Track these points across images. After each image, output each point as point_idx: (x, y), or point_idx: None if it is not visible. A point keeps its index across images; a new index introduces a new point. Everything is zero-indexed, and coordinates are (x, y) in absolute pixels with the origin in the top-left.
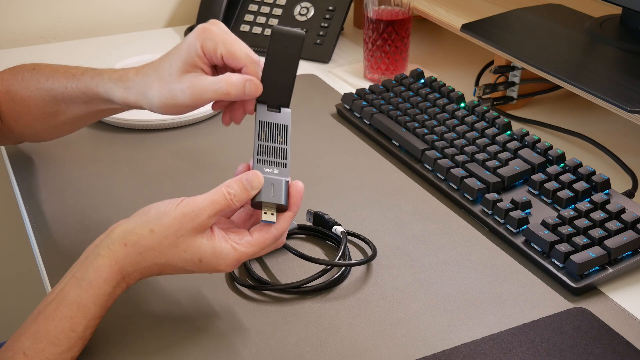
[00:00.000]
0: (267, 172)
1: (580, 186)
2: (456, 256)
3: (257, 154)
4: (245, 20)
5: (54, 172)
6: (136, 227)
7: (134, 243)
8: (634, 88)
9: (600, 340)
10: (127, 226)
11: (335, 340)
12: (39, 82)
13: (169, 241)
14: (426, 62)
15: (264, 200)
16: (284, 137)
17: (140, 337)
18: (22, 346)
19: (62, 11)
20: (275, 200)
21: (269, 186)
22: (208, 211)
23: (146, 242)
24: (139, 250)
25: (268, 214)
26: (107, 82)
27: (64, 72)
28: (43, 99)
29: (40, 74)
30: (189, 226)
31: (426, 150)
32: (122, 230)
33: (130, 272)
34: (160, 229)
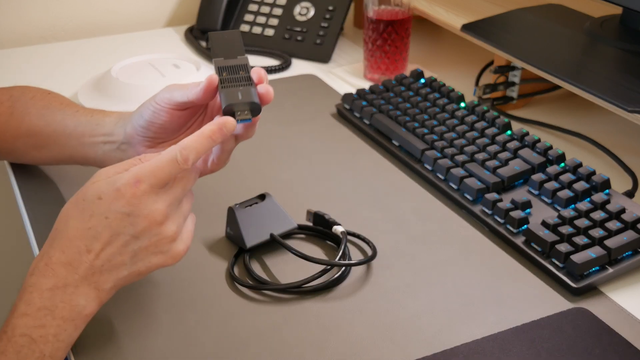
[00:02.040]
0: (232, 89)
1: (580, 186)
2: (456, 256)
3: (221, 85)
4: (245, 20)
5: (54, 172)
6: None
7: (52, 230)
8: (634, 88)
9: (600, 340)
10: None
11: (335, 340)
12: (49, 109)
13: (71, 203)
14: (426, 62)
15: (232, 102)
16: (246, 70)
17: (139, 338)
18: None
19: (62, 11)
20: (245, 100)
21: (235, 92)
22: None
23: (57, 219)
24: (54, 227)
25: (242, 114)
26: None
27: (72, 118)
28: (39, 124)
29: (54, 100)
30: (90, 181)
31: (426, 150)
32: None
33: (50, 253)
34: (66, 204)
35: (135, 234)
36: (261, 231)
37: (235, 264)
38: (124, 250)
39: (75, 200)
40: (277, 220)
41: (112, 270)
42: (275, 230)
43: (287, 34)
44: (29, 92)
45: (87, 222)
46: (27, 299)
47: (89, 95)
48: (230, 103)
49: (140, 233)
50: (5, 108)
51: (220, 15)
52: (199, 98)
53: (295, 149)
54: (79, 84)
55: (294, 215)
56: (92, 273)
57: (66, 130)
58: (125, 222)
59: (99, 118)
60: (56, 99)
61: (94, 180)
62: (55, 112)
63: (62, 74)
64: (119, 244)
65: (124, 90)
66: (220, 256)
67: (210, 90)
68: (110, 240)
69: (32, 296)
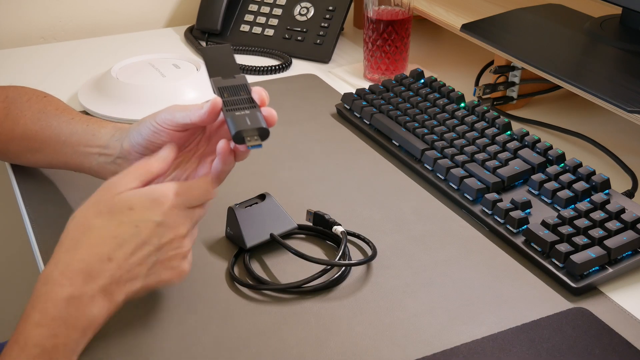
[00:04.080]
0: (239, 114)
1: (580, 186)
2: (456, 256)
3: (225, 107)
4: (245, 20)
5: (54, 172)
6: (65, 228)
7: (64, 237)
8: (634, 88)
9: (600, 340)
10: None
11: (335, 340)
12: (44, 112)
13: (91, 212)
14: (426, 62)
15: (242, 128)
16: (247, 91)
17: (139, 338)
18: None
19: (62, 11)
20: (254, 125)
21: (243, 118)
22: (121, 174)
23: (72, 227)
24: (70, 236)
25: (252, 140)
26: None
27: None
28: (34, 129)
29: (50, 105)
30: (105, 192)
31: (426, 150)
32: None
33: (67, 261)
34: (80, 211)
35: (159, 246)
36: (261, 231)
37: (235, 264)
38: (145, 261)
39: (97, 211)
40: (277, 220)
41: (129, 281)
42: (275, 230)
43: (287, 34)
44: (25, 94)
45: (113, 231)
46: (41, 308)
47: (89, 95)
48: (240, 129)
49: (164, 245)
50: (0, 109)
51: (220, 15)
52: (202, 120)
53: (295, 149)
54: (79, 84)
55: (294, 215)
56: (110, 283)
57: (61, 137)
58: (154, 231)
59: (94, 128)
60: (52, 104)
61: (116, 191)
62: (51, 118)
63: (62, 74)
64: (142, 254)
65: (124, 90)
66: (220, 256)
67: (215, 113)
68: (135, 249)
69: (47, 306)
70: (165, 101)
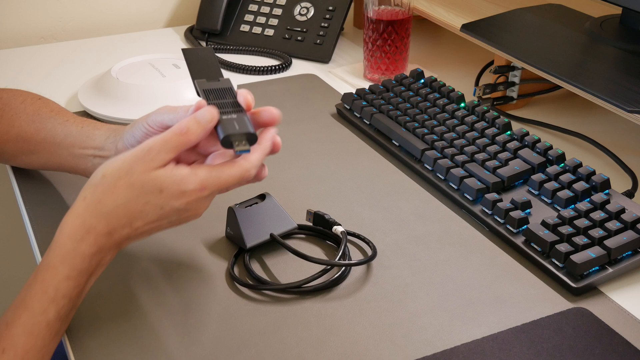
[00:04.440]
0: (226, 118)
1: (580, 186)
2: (456, 256)
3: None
4: (245, 20)
5: (53, 172)
6: (91, 179)
7: (91, 193)
8: (634, 88)
9: (600, 340)
10: (86, 183)
11: (335, 340)
12: (39, 115)
13: (123, 182)
14: (426, 62)
15: (231, 132)
16: (232, 95)
17: (140, 338)
18: (6, 317)
19: (62, 11)
20: (242, 130)
21: (231, 122)
22: (158, 147)
23: (101, 187)
24: (97, 197)
25: (240, 145)
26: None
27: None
28: (28, 131)
29: (45, 106)
30: (140, 163)
31: (426, 150)
32: (83, 188)
33: (94, 224)
34: (112, 172)
35: (177, 219)
36: (261, 231)
37: (235, 264)
38: (158, 228)
39: (129, 182)
40: (277, 220)
41: (139, 237)
42: (275, 230)
43: (287, 34)
44: (19, 96)
45: (140, 206)
46: (70, 264)
47: (89, 96)
48: (228, 134)
49: (180, 219)
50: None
51: (220, 15)
52: None
53: (295, 149)
54: (79, 84)
55: (294, 215)
56: (124, 239)
57: (56, 139)
58: (176, 213)
59: (89, 130)
60: (46, 106)
61: (151, 165)
62: (46, 120)
63: (62, 74)
64: (157, 224)
65: (124, 90)
66: (220, 256)
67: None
68: (154, 221)
69: (75, 261)
70: (165, 101)
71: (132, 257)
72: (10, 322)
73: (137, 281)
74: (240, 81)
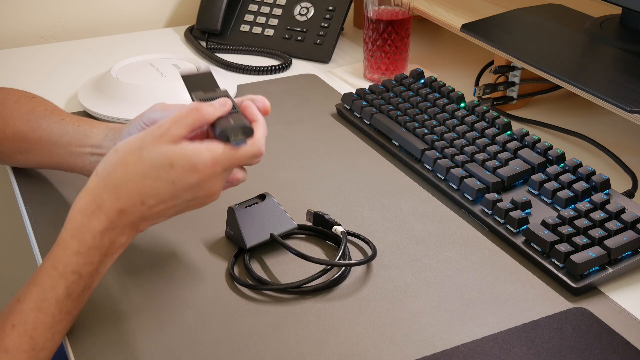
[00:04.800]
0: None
1: (580, 186)
2: (456, 256)
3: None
4: (245, 20)
5: (54, 172)
6: (105, 156)
7: (102, 168)
8: (634, 88)
9: (600, 340)
10: (100, 160)
11: (335, 340)
12: (33, 113)
13: (133, 156)
14: (426, 62)
15: (226, 127)
16: (214, 85)
17: (140, 337)
18: (18, 294)
19: (62, 11)
20: (237, 124)
21: (227, 119)
22: (170, 122)
23: (112, 161)
24: (108, 171)
25: (236, 138)
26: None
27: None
28: (23, 130)
29: (38, 105)
30: (151, 137)
31: (426, 150)
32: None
33: (105, 198)
34: (124, 146)
35: (191, 199)
36: (261, 231)
37: (235, 264)
38: (175, 208)
39: (139, 156)
40: (277, 220)
41: (157, 219)
42: (275, 230)
43: (287, 34)
44: (12, 95)
45: (150, 182)
46: (80, 239)
47: (89, 95)
48: (224, 128)
49: (196, 198)
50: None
51: (220, 15)
52: None
53: (295, 149)
54: (79, 84)
55: (294, 215)
56: (139, 220)
57: (52, 138)
58: (189, 191)
59: (86, 129)
60: (40, 105)
61: (163, 139)
62: (40, 119)
63: (62, 74)
64: (173, 204)
65: (124, 90)
66: (220, 256)
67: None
68: (168, 200)
69: (85, 236)
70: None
71: (132, 257)
72: (22, 298)
73: (137, 281)
74: (240, 81)
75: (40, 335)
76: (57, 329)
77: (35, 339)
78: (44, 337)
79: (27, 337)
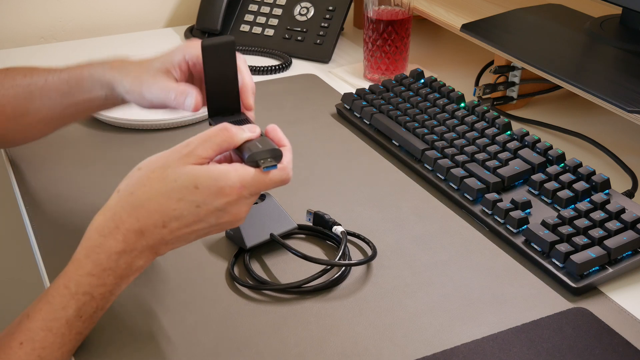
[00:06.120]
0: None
1: (580, 186)
2: (456, 256)
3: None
4: (245, 20)
5: (53, 172)
6: (129, 174)
7: (124, 186)
8: (634, 88)
9: (600, 340)
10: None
11: (335, 340)
12: (14, 80)
13: (156, 174)
14: (426, 62)
15: (255, 151)
16: (247, 121)
17: (140, 338)
18: (28, 310)
19: (62, 11)
20: (266, 147)
21: (254, 143)
22: (197, 141)
23: (135, 179)
24: (129, 190)
25: (265, 162)
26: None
27: (45, 69)
28: (17, 96)
29: (17, 72)
30: (177, 155)
31: (426, 150)
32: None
33: (124, 218)
34: (147, 165)
35: (215, 224)
36: (261, 231)
37: (235, 264)
38: (197, 233)
39: (162, 176)
40: (277, 220)
41: (176, 243)
42: (275, 230)
43: (287, 34)
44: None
45: (173, 203)
46: (95, 259)
47: None
48: (252, 152)
49: (220, 224)
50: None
51: (220, 15)
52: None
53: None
54: None
55: (294, 215)
56: (159, 244)
57: (60, 88)
58: (214, 214)
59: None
60: (19, 72)
61: (189, 160)
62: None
63: None
64: (195, 228)
65: None
66: (220, 256)
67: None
68: (190, 224)
69: (100, 257)
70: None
71: None
72: (31, 315)
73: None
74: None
75: (49, 355)
76: (66, 348)
77: (43, 359)
78: (52, 357)
79: (34, 356)
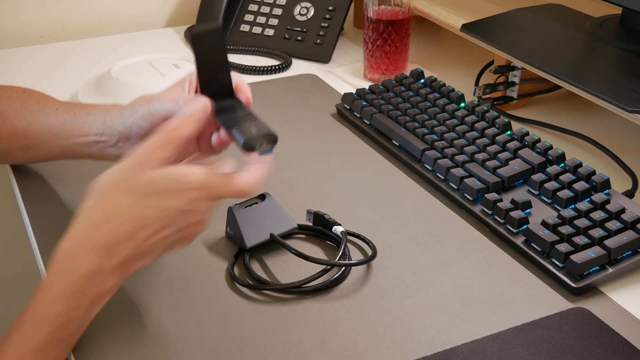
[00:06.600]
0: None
1: (580, 186)
2: (456, 256)
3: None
4: (245, 20)
5: (54, 172)
6: (87, 194)
7: (87, 208)
8: (634, 88)
9: (600, 340)
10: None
11: (335, 340)
12: (26, 103)
13: (119, 188)
14: (426, 62)
15: (250, 136)
16: (243, 107)
17: (140, 337)
18: (3, 338)
19: (62, 11)
20: (261, 132)
21: (248, 127)
22: (153, 146)
23: (97, 199)
24: (93, 210)
25: (261, 147)
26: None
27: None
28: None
29: (29, 97)
30: (137, 166)
31: (426, 150)
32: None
33: (91, 237)
34: (107, 181)
35: (181, 228)
36: (261, 231)
37: (235, 264)
38: (163, 241)
39: (125, 188)
40: (277, 220)
41: (144, 257)
42: (275, 230)
43: (287, 34)
44: (4, 93)
45: (139, 212)
46: (61, 284)
47: (89, 96)
48: (248, 138)
49: (186, 227)
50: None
51: (220, 15)
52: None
53: (295, 149)
54: (79, 84)
55: (294, 215)
56: (127, 261)
57: (52, 130)
58: (180, 217)
59: (82, 116)
60: (32, 97)
61: (147, 167)
62: (35, 112)
63: (62, 74)
64: (161, 236)
65: (124, 90)
66: (220, 256)
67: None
68: (156, 232)
69: (66, 281)
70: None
71: None
72: (5, 343)
73: (136, 281)
74: None
75: None
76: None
77: None
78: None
79: None
